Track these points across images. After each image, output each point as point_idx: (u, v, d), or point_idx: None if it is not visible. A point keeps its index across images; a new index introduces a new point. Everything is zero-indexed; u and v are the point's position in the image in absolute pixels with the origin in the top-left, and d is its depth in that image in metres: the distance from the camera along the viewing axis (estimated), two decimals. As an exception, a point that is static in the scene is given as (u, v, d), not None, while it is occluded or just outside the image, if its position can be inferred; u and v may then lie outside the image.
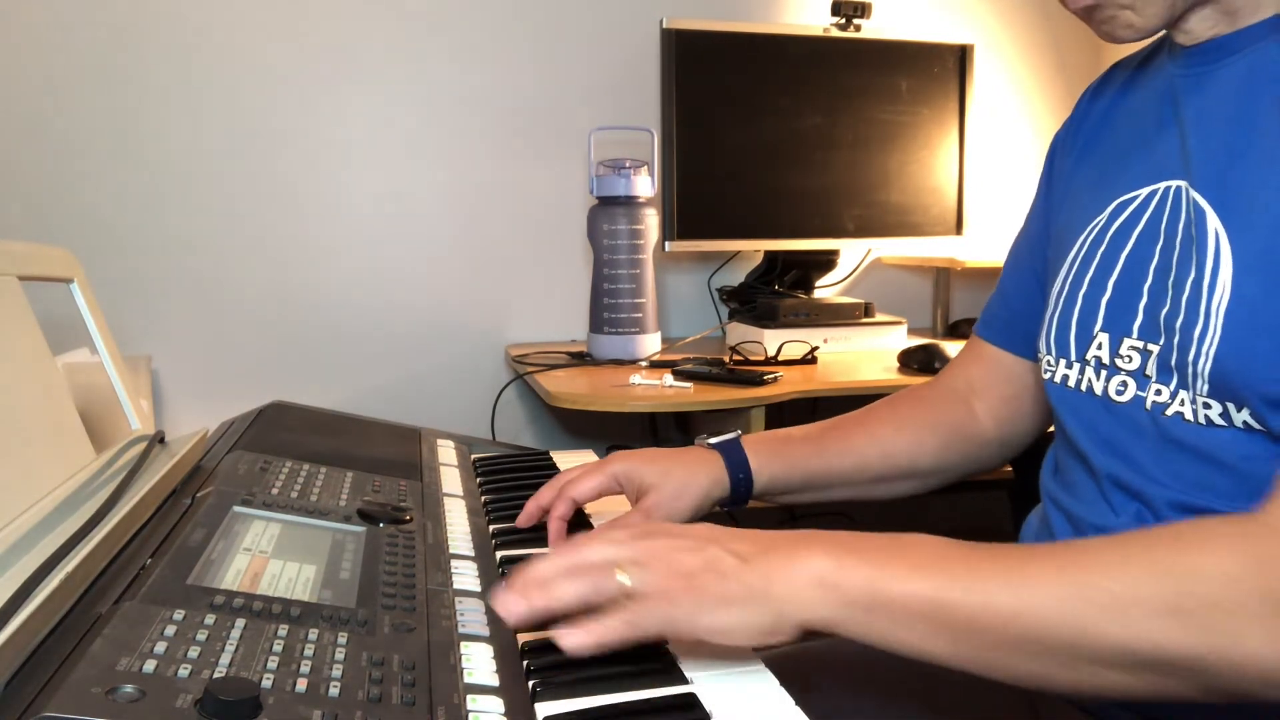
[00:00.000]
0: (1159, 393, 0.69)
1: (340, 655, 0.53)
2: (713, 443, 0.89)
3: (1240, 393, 0.63)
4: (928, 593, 0.55)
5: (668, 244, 1.72)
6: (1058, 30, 2.16)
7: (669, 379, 1.47)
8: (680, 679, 0.59)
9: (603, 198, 1.66)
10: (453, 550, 0.77)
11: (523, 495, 0.86)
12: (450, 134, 1.85)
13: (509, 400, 1.89)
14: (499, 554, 0.79)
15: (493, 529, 0.86)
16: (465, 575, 0.72)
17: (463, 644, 0.60)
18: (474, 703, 0.53)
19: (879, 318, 1.83)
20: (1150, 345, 0.71)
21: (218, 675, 0.48)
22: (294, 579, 0.64)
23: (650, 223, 1.66)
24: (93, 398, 0.90)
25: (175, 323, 1.76)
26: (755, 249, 1.90)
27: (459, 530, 0.83)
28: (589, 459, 0.95)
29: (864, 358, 1.70)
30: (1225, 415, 0.65)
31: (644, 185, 1.65)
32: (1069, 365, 0.78)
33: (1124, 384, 0.72)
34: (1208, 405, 0.66)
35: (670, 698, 0.57)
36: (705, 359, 1.57)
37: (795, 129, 1.79)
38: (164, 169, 1.73)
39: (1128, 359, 0.72)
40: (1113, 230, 0.76)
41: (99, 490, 0.71)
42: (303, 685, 0.49)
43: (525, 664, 0.59)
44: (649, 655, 0.61)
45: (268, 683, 0.49)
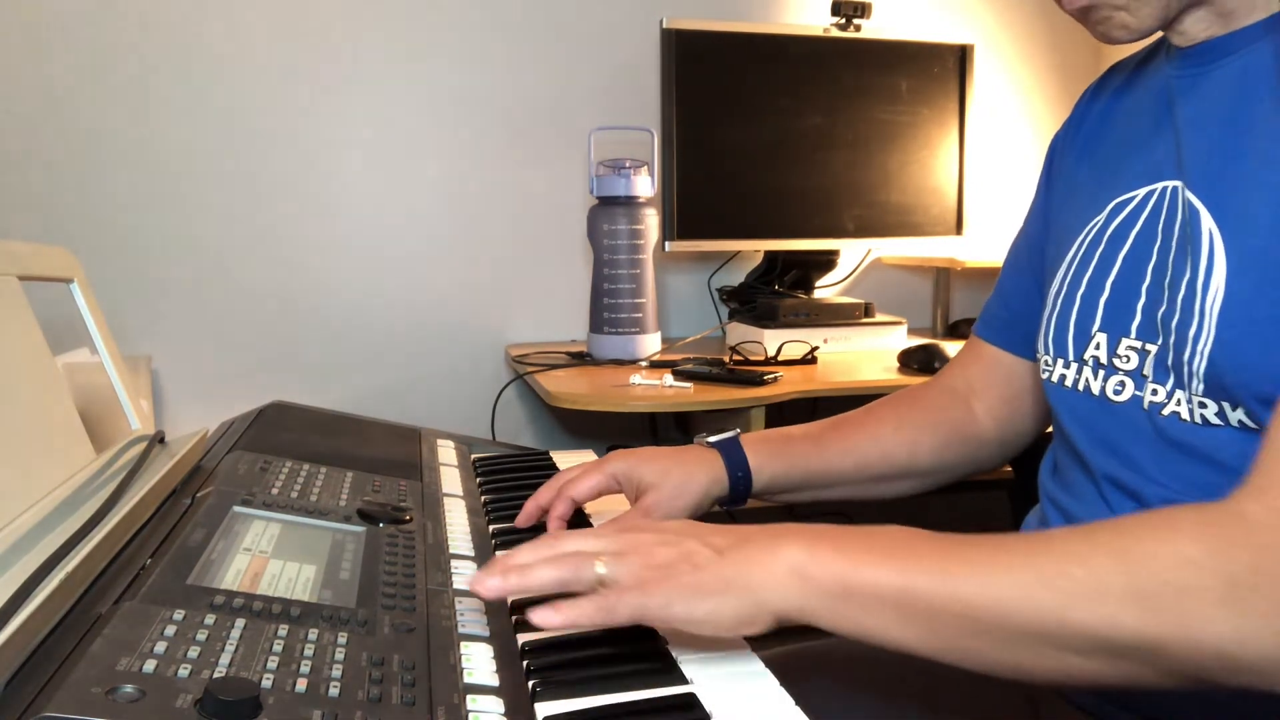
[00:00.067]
0: (1156, 393, 0.70)
1: (340, 655, 0.54)
2: (711, 441, 0.89)
3: (1235, 392, 0.64)
4: (897, 581, 0.56)
5: (668, 244, 1.72)
6: (1058, 30, 2.16)
7: (669, 379, 1.47)
8: (680, 679, 0.59)
9: (603, 198, 1.66)
10: (453, 550, 0.78)
11: (522, 495, 0.87)
12: (450, 134, 1.85)
13: (509, 400, 1.89)
14: (499, 554, 0.79)
15: (492, 529, 0.86)
16: (465, 575, 0.72)
17: (462, 644, 0.60)
18: (474, 703, 0.54)
19: (879, 318, 1.82)
20: (1148, 345, 0.71)
21: (218, 675, 0.48)
22: (294, 579, 0.64)
23: (650, 223, 1.66)
24: (93, 398, 0.90)
25: (175, 323, 1.76)
26: (755, 249, 1.89)
27: (459, 530, 0.83)
28: (589, 459, 0.95)
29: (864, 358, 1.70)
30: (1221, 415, 0.65)
31: (644, 185, 1.65)
32: (1067, 365, 0.78)
33: (1121, 384, 0.73)
34: (1204, 405, 0.66)
35: (670, 698, 0.57)
36: (705, 359, 1.57)
37: (795, 129, 1.78)
38: (164, 169, 1.73)
39: (1125, 359, 0.72)
40: (1111, 230, 0.76)
41: (99, 490, 0.71)
42: (303, 685, 0.49)
43: (525, 664, 0.59)
44: (649, 655, 0.61)
45: (268, 683, 0.49)
